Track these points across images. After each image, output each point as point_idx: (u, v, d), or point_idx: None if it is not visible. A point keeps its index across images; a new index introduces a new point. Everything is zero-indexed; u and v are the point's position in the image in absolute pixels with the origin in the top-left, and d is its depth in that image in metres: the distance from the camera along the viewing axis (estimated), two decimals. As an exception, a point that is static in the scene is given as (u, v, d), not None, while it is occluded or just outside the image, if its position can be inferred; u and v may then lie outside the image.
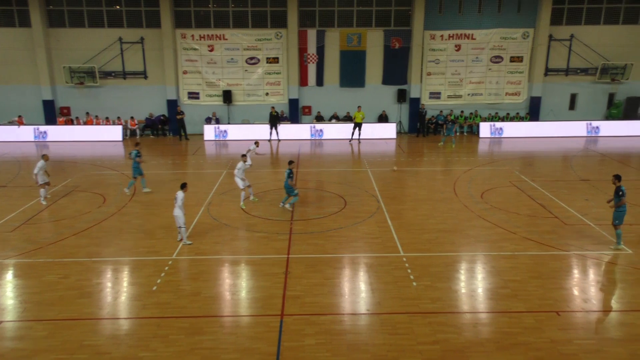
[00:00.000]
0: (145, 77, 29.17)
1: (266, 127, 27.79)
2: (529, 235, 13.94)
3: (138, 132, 29.48)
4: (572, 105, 30.03)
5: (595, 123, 28.58)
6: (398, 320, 9.88)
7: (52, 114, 29.31)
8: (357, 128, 27.05)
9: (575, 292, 11.03)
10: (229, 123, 29.42)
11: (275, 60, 29.27)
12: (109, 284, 11.41)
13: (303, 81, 29.54)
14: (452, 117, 28.11)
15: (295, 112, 29.63)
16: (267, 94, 29.68)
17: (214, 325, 9.78)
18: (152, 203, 17.01)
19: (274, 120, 27.41)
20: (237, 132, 28.40)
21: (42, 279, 11.57)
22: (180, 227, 13.38)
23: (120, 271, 12.06)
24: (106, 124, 29.03)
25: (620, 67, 28.65)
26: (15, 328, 9.68)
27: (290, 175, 15.55)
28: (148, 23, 28.56)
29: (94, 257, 12.75)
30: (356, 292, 11.12)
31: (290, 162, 15.86)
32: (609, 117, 29.69)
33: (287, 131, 28.25)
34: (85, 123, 29.11)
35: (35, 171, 16.74)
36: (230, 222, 15.23)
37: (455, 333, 9.46)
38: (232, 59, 29.12)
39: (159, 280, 11.49)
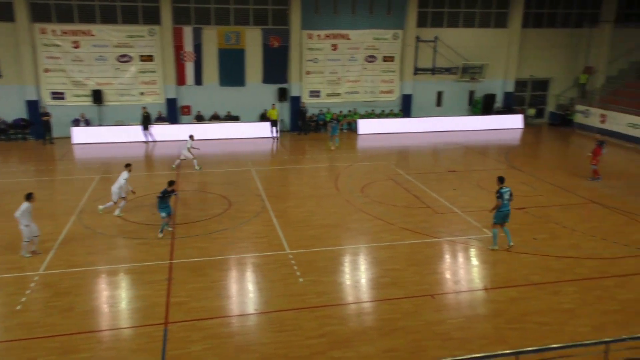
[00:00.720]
0: None
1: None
2: (406, 225, 14.80)
3: (-7, 136, 26.51)
4: (439, 102, 32.36)
5: (458, 118, 31.11)
6: (286, 317, 9.98)
7: None
8: (274, 125, 27.43)
9: (447, 275, 11.94)
10: (100, 125, 27.54)
11: (149, 58, 27.94)
12: (-37, 308, 10.16)
13: (180, 80, 28.54)
14: (338, 117, 28.96)
15: (173, 112, 28.55)
16: (142, 93, 28.24)
17: (91, 341, 9.13)
18: (11, 214, 15.39)
19: (146, 121, 26.25)
20: (110, 134, 26.69)
21: None
22: (24, 241, 12.32)
23: (-24, 293, 10.78)
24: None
25: (478, 66, 31.44)
26: None
27: (164, 196, 13.51)
28: (-1, 16, 25.73)
29: (-57, 280, 11.27)
30: (244, 292, 11.03)
31: (171, 183, 13.86)
32: (471, 113, 32.45)
33: (165, 132, 27.16)
34: None
35: None
36: (106, 230, 14.29)
37: (341, 324, 9.78)
38: (101, 56, 27.25)
39: (23, 299, 10.45)
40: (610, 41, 31.82)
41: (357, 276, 11.94)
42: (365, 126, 29.61)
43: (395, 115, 31.04)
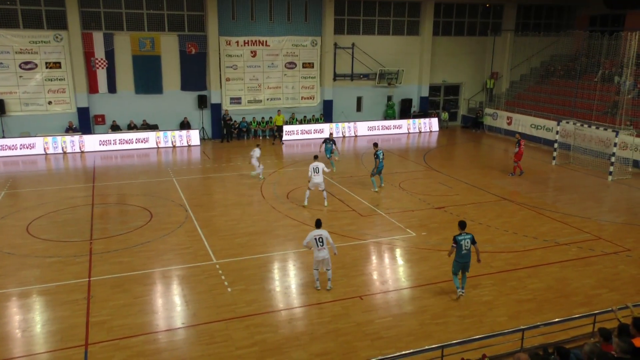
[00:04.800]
0: None
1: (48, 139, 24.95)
2: (332, 229, 14.90)
3: None
4: (359, 107, 33.14)
5: (377, 122, 32.01)
6: (215, 329, 9.78)
7: None
8: (279, 131, 28.92)
9: (374, 276, 12.22)
10: (3, 137, 25.58)
11: (56, 65, 26.36)
12: None
13: (92, 88, 27.15)
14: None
15: (86, 122, 27.08)
16: (50, 102, 26.55)
17: (2, 371, 8.46)
18: None
19: None
20: (15, 147, 24.88)
21: None
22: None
23: None
24: None
25: (394, 72, 32.57)
26: None
27: None
28: None
29: None
30: (170, 306, 10.67)
31: None
32: (386, 117, 33.52)
33: (78, 144, 25.75)
34: None
35: None
36: (14, 250, 13.29)
37: (272, 332, 9.73)
38: (1, 63, 25.37)
39: None
40: (511, 48, 34.20)
41: (286, 282, 11.93)
42: (288, 132, 29.66)
43: (317, 121, 31.38)
